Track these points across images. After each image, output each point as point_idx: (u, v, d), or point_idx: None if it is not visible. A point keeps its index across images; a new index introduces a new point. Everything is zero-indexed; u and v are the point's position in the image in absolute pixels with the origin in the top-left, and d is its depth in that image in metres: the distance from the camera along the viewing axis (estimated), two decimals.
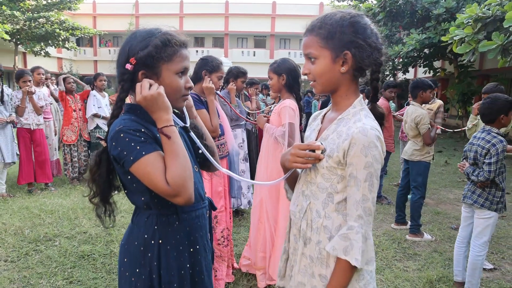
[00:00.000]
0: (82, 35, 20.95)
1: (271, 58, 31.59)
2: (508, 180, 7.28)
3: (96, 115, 5.98)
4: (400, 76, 20.09)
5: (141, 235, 1.31)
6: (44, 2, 20.24)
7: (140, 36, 1.29)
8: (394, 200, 4.78)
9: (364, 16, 1.24)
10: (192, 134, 1.42)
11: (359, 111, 1.23)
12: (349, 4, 16.46)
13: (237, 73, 4.30)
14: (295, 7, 30.73)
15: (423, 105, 4.38)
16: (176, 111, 1.42)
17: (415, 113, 4.16)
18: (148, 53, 1.25)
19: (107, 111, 6.16)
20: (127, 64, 1.25)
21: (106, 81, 6.32)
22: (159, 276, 1.30)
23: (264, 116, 2.95)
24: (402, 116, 5.23)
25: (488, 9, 6.59)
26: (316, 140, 1.31)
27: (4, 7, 17.39)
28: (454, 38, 6.90)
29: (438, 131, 5.46)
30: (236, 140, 4.42)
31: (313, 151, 1.24)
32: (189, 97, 1.45)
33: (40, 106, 5.44)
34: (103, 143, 1.30)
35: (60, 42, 20.08)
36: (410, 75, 21.09)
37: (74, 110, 5.81)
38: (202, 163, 1.53)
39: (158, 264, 1.30)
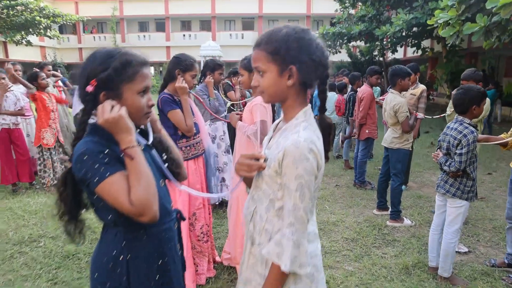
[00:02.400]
0: (64, 22, 20.41)
1: None
2: (489, 166, 7.42)
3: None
4: (390, 56, 20.07)
5: (110, 252, 1.36)
6: None
7: (100, 57, 1.32)
8: None
9: (310, 32, 1.29)
10: (154, 152, 1.47)
11: (300, 123, 1.29)
12: None
13: (213, 66, 4.28)
14: None
15: (403, 93, 4.40)
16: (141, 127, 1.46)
17: (393, 101, 4.20)
18: (108, 75, 1.28)
19: None
20: (88, 86, 1.28)
21: None
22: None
23: (237, 114, 2.96)
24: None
25: None
26: (265, 148, 1.41)
27: None
28: (439, 21, 6.91)
29: (421, 115, 5.50)
30: (217, 133, 4.44)
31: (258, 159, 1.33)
32: (153, 111, 1.48)
33: (19, 108, 5.36)
34: (68, 164, 1.34)
35: (42, 30, 19.53)
36: (399, 55, 21.08)
37: (52, 111, 5.40)
38: (171, 172, 1.56)
39: (127, 278, 1.36)
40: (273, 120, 2.94)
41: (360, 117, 5.55)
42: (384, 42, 16.02)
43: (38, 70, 5.60)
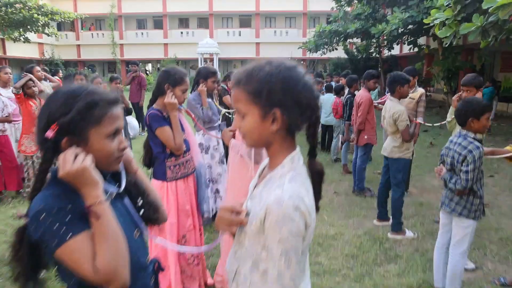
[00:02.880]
0: (62, 20, 20.19)
1: (257, 37, 31.11)
2: (490, 167, 7.21)
3: None
4: (386, 52, 19.90)
5: None
6: None
7: (62, 98, 1.14)
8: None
9: (296, 68, 1.12)
10: (127, 201, 1.29)
11: (286, 173, 1.12)
12: None
13: (206, 74, 4.09)
14: None
15: (401, 99, 4.23)
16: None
17: (393, 109, 4.02)
18: (71, 119, 1.11)
19: None
20: (48, 131, 1.10)
21: (84, 80, 5.96)
22: None
23: (230, 131, 2.77)
24: (383, 105, 5.11)
25: None
26: (249, 198, 1.26)
27: None
28: (435, 21, 6.76)
29: (421, 119, 5.34)
30: (210, 143, 4.25)
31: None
32: (128, 150, 1.31)
33: (6, 115, 5.13)
34: (24, 219, 1.15)
35: (40, 28, 19.32)
36: (395, 51, 20.90)
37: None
38: (148, 218, 1.39)
39: None
40: None
41: (359, 123, 5.37)
42: (380, 40, 15.89)
43: (27, 74, 5.36)
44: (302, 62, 30.42)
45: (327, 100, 7.69)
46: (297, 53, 26.94)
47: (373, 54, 19.98)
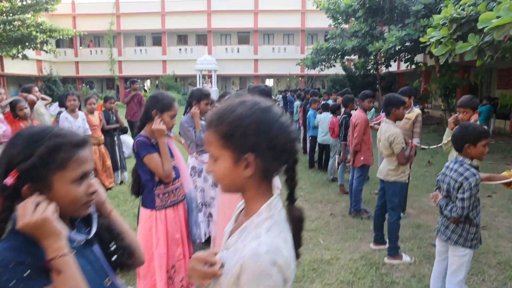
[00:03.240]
0: (61, 37, 20.35)
1: (255, 54, 31.38)
2: (488, 187, 7.11)
3: None
4: (383, 69, 20.04)
5: None
6: (19, 4, 19.49)
7: (23, 141, 1.07)
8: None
9: (271, 109, 1.06)
10: (96, 249, 1.22)
11: (263, 222, 1.05)
12: (329, 1, 16.24)
13: (199, 96, 4.06)
14: (278, 2, 30.49)
15: (397, 122, 4.19)
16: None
17: (388, 131, 3.98)
18: (32, 165, 1.04)
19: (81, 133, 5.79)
20: (7, 177, 1.03)
21: (77, 101, 5.93)
22: None
23: None
24: (379, 125, 5.08)
25: (463, 9, 6.49)
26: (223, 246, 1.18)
27: None
28: (431, 39, 6.80)
29: (417, 140, 5.32)
30: (203, 166, 4.19)
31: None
32: (100, 191, 1.25)
33: None
34: None
35: (38, 45, 19.45)
36: (393, 68, 21.05)
37: None
38: (122, 263, 1.31)
39: None
40: None
41: (355, 144, 5.33)
42: (378, 57, 16.01)
43: (20, 98, 5.32)
44: (300, 78, 30.65)
45: (324, 119, 7.67)
46: (295, 69, 27.17)
47: (371, 71, 20.15)
